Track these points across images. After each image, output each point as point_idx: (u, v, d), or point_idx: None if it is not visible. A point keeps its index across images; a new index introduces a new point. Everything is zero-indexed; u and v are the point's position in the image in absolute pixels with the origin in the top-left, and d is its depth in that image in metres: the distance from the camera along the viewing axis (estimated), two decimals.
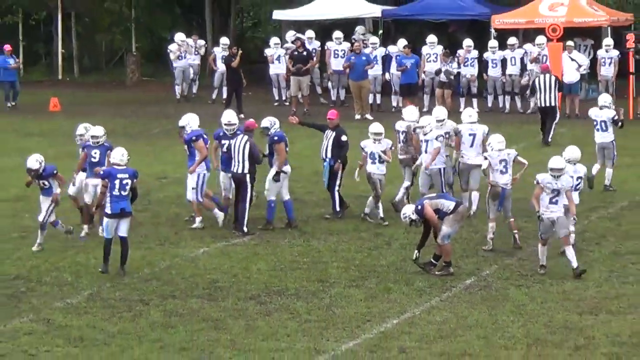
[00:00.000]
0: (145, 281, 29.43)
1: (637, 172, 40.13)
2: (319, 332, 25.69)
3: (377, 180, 33.94)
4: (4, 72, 60.37)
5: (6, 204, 36.00)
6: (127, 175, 30.41)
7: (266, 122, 37.56)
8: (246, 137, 35.99)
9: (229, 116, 36.58)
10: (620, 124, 41.73)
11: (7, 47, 61.61)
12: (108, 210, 30.31)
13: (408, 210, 30.44)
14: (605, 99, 42.66)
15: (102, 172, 31.35)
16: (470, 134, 36.63)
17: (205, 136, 36.25)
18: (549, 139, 48.08)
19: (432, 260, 29.74)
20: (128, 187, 30.37)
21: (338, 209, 35.89)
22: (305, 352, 24.38)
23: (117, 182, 30.10)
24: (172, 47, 62.99)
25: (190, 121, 37.10)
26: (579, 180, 31.77)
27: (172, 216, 35.82)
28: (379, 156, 33.92)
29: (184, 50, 61.99)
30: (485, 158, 32.79)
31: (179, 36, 62.75)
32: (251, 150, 35.12)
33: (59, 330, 26.00)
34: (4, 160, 37.33)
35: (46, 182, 32.50)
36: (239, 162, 35.35)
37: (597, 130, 41.78)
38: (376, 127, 35.62)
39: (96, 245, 31.08)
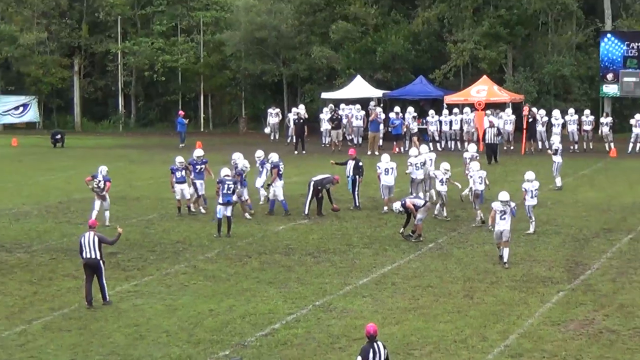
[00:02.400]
0: (249, 244, 29.33)
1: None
2: (347, 273, 25.68)
3: (444, 196, 33.40)
4: (180, 126, 58.81)
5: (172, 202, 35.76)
6: (231, 182, 30.89)
7: (259, 153, 36.52)
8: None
9: (258, 153, 36.61)
10: (555, 151, 39.72)
11: (182, 112, 60.91)
12: (220, 201, 30.55)
13: (398, 205, 30.48)
14: (555, 139, 42.93)
15: (217, 180, 31.75)
16: (430, 159, 36.34)
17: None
18: (497, 160, 47.73)
19: (411, 233, 29.68)
20: (232, 189, 30.71)
21: (357, 204, 35.41)
22: (339, 285, 24.40)
23: (226, 185, 30.51)
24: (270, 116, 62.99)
25: (240, 158, 35.87)
26: (536, 191, 30.78)
27: (264, 208, 35.52)
28: (447, 180, 33.54)
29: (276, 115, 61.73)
30: (471, 176, 32.88)
31: (298, 110, 62.50)
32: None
33: (200, 272, 26.00)
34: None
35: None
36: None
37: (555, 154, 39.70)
38: (447, 165, 33.32)
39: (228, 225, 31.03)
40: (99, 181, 32.40)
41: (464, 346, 19.72)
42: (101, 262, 22.93)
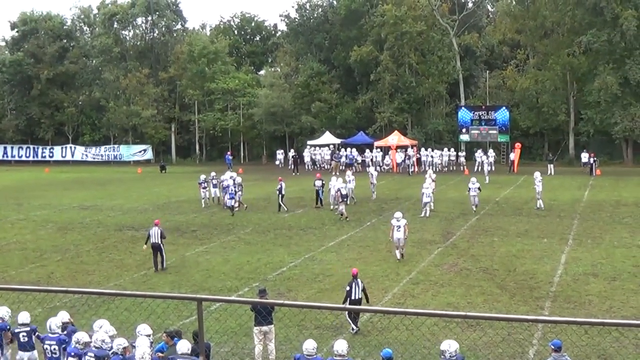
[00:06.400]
0: (268, 225, 29.04)
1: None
2: (322, 239, 25.56)
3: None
4: (228, 160, 57.07)
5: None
6: (234, 188, 31.90)
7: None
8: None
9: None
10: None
11: (229, 152, 60.31)
12: (228, 197, 31.90)
13: (342, 207, 30.24)
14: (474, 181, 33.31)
15: (224, 187, 33.36)
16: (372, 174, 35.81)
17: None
18: (410, 174, 46.54)
19: (344, 216, 29.47)
20: (234, 191, 31.90)
21: (322, 204, 34.31)
22: (318, 246, 24.28)
23: (229, 189, 32.03)
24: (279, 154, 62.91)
25: (232, 175, 34.35)
26: (431, 194, 30.32)
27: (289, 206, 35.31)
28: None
29: (281, 153, 62.03)
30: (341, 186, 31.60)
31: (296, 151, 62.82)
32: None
33: (242, 240, 25.78)
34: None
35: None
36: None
37: (470, 189, 30.88)
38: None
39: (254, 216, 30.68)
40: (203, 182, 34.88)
41: (387, 278, 19.71)
42: (162, 245, 21.38)
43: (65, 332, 11.48)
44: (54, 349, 11.00)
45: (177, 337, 11.23)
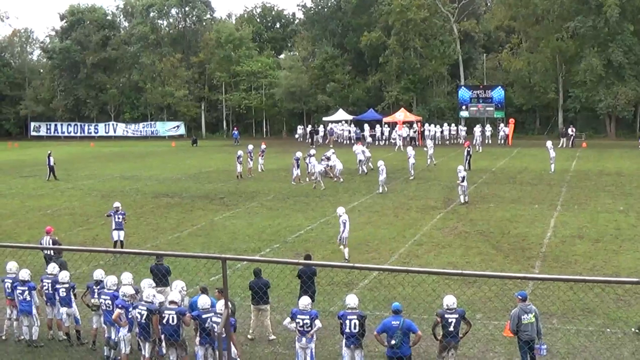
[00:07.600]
0: (288, 192, 28.96)
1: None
2: (336, 205, 25.07)
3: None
4: (235, 135, 58.32)
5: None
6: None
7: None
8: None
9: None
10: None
11: (236, 128, 60.63)
12: (239, 165, 30.18)
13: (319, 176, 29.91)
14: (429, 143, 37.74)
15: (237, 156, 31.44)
16: (361, 156, 34.49)
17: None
18: (417, 145, 45.69)
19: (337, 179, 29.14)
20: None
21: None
22: (332, 211, 23.92)
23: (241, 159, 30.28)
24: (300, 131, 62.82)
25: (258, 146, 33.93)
26: (431, 157, 30.29)
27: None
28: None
29: (301, 129, 61.96)
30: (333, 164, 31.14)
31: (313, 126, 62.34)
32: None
33: (264, 206, 25.72)
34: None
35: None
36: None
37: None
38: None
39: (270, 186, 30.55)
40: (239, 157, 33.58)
41: (394, 240, 19.61)
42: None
43: (98, 288, 11.66)
44: (108, 303, 11.29)
45: (203, 293, 11.19)
